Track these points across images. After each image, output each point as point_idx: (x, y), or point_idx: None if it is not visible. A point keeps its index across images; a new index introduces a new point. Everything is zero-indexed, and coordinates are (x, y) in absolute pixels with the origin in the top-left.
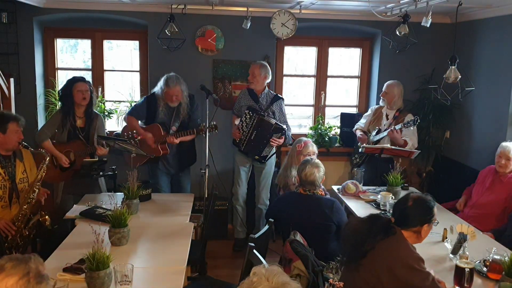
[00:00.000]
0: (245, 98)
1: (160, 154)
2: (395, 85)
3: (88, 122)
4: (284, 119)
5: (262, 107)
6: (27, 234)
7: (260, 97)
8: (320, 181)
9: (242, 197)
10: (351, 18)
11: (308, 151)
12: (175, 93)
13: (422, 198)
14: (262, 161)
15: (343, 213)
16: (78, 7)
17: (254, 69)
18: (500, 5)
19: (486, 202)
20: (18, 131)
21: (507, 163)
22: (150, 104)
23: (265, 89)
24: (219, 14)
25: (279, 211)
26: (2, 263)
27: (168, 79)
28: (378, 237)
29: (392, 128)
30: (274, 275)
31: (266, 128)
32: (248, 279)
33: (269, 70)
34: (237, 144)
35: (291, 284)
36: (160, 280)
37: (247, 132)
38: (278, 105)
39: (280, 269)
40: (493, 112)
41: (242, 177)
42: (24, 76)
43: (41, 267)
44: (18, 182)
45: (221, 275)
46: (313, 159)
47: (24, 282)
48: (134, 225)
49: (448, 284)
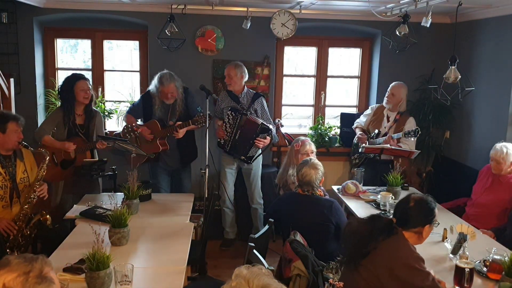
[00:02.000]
0: (225, 100)
1: (160, 150)
2: (402, 86)
3: (87, 120)
4: (267, 116)
5: (244, 107)
6: (29, 233)
7: (240, 97)
8: (317, 182)
9: (230, 198)
10: (351, 18)
11: (306, 149)
12: (170, 91)
13: (423, 199)
14: (248, 162)
15: (342, 213)
16: (78, 7)
17: (230, 70)
18: (500, 5)
19: (486, 202)
20: (18, 130)
21: (497, 166)
22: (146, 102)
23: (244, 88)
24: (219, 14)
25: (278, 211)
26: (10, 258)
27: (161, 77)
28: (380, 238)
29: (389, 136)
30: (255, 277)
31: (251, 127)
32: (228, 283)
33: (244, 69)
34: (222, 145)
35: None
36: (160, 280)
37: (231, 132)
38: (260, 103)
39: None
40: (493, 112)
41: (228, 179)
42: (24, 76)
43: (47, 269)
44: (18, 182)
45: (221, 275)
46: (312, 159)
47: (22, 280)
48: (134, 225)
49: (448, 284)
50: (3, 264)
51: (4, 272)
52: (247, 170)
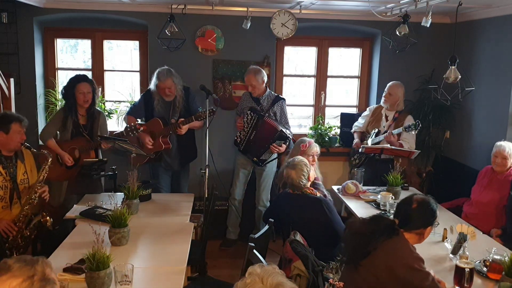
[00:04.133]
0: (247, 100)
1: (162, 148)
2: (399, 86)
3: (90, 120)
4: (285, 120)
5: (263, 109)
6: (28, 234)
7: (261, 99)
8: (303, 180)
9: (239, 198)
10: (351, 18)
11: (312, 151)
12: (167, 86)
13: (426, 200)
14: (260, 164)
15: (332, 210)
16: (78, 7)
17: (251, 79)
18: (500, 5)
19: (485, 201)
20: (21, 131)
21: (503, 162)
22: (147, 101)
23: (265, 91)
24: (219, 14)
25: (274, 211)
26: (10, 263)
27: (159, 73)
28: (381, 239)
29: (389, 132)
30: (269, 276)
31: (269, 131)
32: (242, 280)
33: (263, 73)
34: (237, 144)
35: (286, 284)
36: (160, 280)
37: (246, 131)
38: (279, 106)
39: (276, 268)
40: (493, 112)
41: (241, 179)
42: (24, 76)
43: (48, 271)
44: (19, 183)
45: (221, 275)
46: (295, 160)
47: (28, 284)
48: (134, 225)
49: (448, 284)
50: (3, 269)
51: (8, 277)
52: (260, 170)
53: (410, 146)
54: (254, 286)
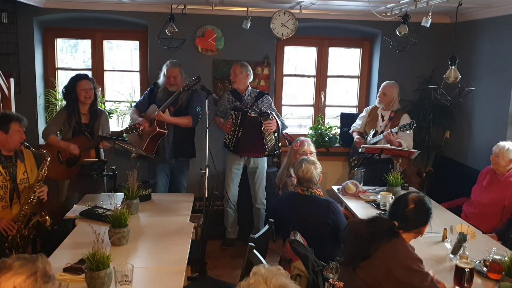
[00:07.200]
0: (228, 99)
1: (156, 131)
2: (393, 86)
3: (92, 119)
4: (276, 113)
5: (247, 105)
6: (27, 234)
7: (244, 95)
8: (317, 178)
9: (233, 198)
10: (351, 18)
11: (304, 149)
12: (173, 74)
13: (421, 199)
14: (274, 153)
15: (340, 213)
16: (78, 7)
17: (235, 68)
18: (500, 5)
19: (485, 201)
20: (21, 131)
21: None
22: (152, 92)
23: (248, 88)
24: (219, 14)
25: (278, 212)
26: (10, 262)
27: (169, 61)
28: (381, 242)
29: (388, 132)
30: (273, 276)
31: (254, 121)
32: (246, 280)
33: (250, 69)
34: (227, 145)
35: (290, 286)
36: (160, 280)
37: (234, 130)
38: (264, 101)
39: (281, 269)
40: (493, 112)
41: (234, 179)
42: (24, 76)
43: (48, 267)
44: (19, 183)
45: (221, 275)
46: (309, 157)
47: (32, 281)
48: (134, 225)
49: (448, 284)
50: (4, 267)
51: (11, 275)
52: (252, 169)
53: (408, 144)
54: (258, 287)
